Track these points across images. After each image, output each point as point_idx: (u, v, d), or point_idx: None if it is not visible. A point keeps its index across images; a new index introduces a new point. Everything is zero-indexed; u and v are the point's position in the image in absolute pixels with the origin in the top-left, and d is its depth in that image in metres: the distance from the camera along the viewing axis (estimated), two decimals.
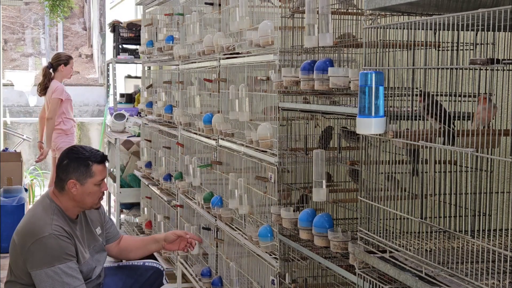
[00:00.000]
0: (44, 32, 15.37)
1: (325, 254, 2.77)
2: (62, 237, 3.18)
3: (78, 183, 3.24)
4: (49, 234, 3.14)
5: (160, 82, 5.50)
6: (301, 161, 3.05)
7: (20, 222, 3.34)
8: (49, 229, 3.16)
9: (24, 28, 15.84)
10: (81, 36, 16.07)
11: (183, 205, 4.71)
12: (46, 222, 3.19)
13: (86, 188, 3.26)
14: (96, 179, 3.27)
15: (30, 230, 3.20)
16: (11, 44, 15.66)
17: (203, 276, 4.11)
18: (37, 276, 3.14)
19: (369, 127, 2.13)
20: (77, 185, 3.24)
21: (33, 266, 3.15)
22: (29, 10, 15.86)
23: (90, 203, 3.32)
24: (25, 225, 3.26)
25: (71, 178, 3.24)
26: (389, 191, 2.24)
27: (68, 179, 3.24)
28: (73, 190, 3.24)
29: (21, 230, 3.26)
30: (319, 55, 2.92)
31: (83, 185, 3.25)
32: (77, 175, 3.24)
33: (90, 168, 3.26)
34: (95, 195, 3.31)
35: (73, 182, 3.23)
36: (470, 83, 2.18)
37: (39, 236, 3.15)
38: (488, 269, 1.84)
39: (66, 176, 3.25)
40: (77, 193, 3.25)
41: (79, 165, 3.25)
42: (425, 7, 2.16)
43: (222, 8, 3.76)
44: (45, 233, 3.14)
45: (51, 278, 3.12)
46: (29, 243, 3.16)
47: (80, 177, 3.24)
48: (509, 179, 2.48)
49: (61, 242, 3.17)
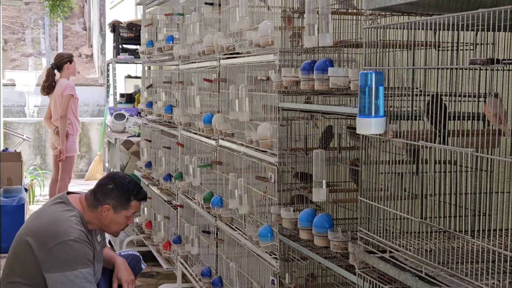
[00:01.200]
0: (44, 32, 15.37)
1: (325, 254, 2.77)
2: (86, 243, 3.20)
3: (112, 210, 3.28)
4: (75, 238, 3.16)
5: (160, 82, 5.50)
6: (301, 161, 3.05)
7: (34, 223, 3.30)
8: (75, 233, 3.17)
9: (24, 28, 15.84)
10: (81, 36, 16.07)
11: (183, 205, 4.71)
12: (72, 226, 3.20)
13: (117, 217, 3.31)
14: (129, 213, 3.35)
15: (53, 231, 3.18)
16: (11, 44, 15.66)
17: (203, 276, 4.11)
18: (56, 278, 3.12)
19: (369, 127, 2.13)
20: (110, 211, 3.29)
21: (52, 268, 3.13)
22: (29, 10, 15.86)
23: (113, 230, 3.39)
24: (45, 226, 3.22)
25: (108, 204, 3.28)
26: (390, 189, 2.24)
27: (105, 203, 3.28)
28: (104, 214, 3.28)
29: (41, 231, 3.21)
30: (319, 55, 2.92)
31: (116, 213, 3.30)
32: (115, 203, 3.29)
33: (129, 202, 3.32)
34: (121, 225, 3.38)
35: (108, 207, 3.28)
36: (470, 83, 2.18)
37: (65, 239, 3.14)
38: (488, 269, 1.84)
39: (105, 200, 3.29)
40: (106, 218, 3.30)
41: (122, 195, 3.31)
42: (425, 7, 2.16)
43: (222, 8, 3.76)
44: (71, 237, 3.15)
45: (71, 282, 3.12)
46: (51, 244, 3.14)
47: (117, 206, 3.30)
48: (509, 179, 2.48)
49: (85, 247, 3.19)
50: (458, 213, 2.26)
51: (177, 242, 4.70)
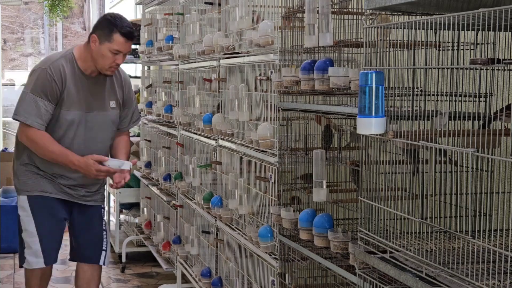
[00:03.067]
0: (44, 32, 15.37)
1: (325, 254, 2.76)
2: (51, 79, 3.49)
3: (98, 40, 3.52)
4: (44, 68, 3.50)
5: (160, 82, 5.49)
6: (301, 161, 3.05)
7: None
8: (47, 65, 3.52)
9: (23, 28, 15.84)
10: (80, 36, 16.06)
11: (182, 205, 4.71)
12: (51, 59, 3.57)
13: (102, 49, 3.51)
14: (112, 47, 3.50)
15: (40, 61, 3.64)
16: (11, 44, 15.66)
17: (203, 277, 4.11)
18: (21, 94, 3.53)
19: (369, 127, 2.12)
20: (96, 43, 3.52)
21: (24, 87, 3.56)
22: (29, 10, 15.85)
23: (100, 65, 3.56)
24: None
25: (95, 33, 3.54)
26: (390, 189, 2.24)
27: (93, 32, 3.55)
28: (92, 45, 3.53)
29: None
30: (319, 55, 2.91)
31: (100, 44, 3.51)
32: (100, 33, 3.53)
33: (111, 34, 3.51)
34: (107, 60, 3.53)
35: (94, 37, 3.53)
36: (470, 83, 2.17)
37: (39, 67, 3.55)
38: (488, 270, 1.84)
39: (94, 30, 3.57)
40: (94, 50, 3.53)
41: (106, 27, 3.53)
42: (425, 6, 2.16)
43: (222, 8, 3.75)
44: (43, 66, 3.52)
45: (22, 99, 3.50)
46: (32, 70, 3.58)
47: (100, 36, 3.52)
48: (510, 179, 2.48)
49: (46, 82, 3.48)
50: (458, 213, 2.26)
51: (176, 242, 4.70)
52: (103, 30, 3.51)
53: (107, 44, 3.49)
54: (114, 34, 3.49)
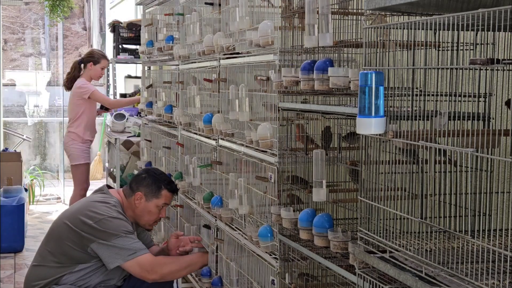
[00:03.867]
0: (44, 32, 15.37)
1: (325, 254, 2.77)
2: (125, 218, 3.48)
3: (144, 197, 3.54)
4: (114, 216, 3.44)
5: (160, 82, 5.49)
6: (301, 161, 3.05)
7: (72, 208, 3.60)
8: (114, 213, 3.45)
9: (24, 28, 15.83)
10: (81, 36, 16.06)
11: (183, 205, 4.71)
12: (110, 208, 3.49)
13: (149, 205, 3.56)
14: (160, 202, 3.60)
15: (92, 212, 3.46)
16: (11, 44, 15.66)
17: (203, 276, 4.11)
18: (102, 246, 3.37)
19: (369, 127, 2.12)
20: (143, 199, 3.55)
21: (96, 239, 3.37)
22: (29, 10, 15.85)
23: (145, 221, 3.62)
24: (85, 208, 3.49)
25: (141, 191, 3.55)
26: (390, 189, 2.24)
27: (138, 190, 3.56)
28: (137, 202, 3.55)
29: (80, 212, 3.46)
30: (319, 55, 2.92)
31: (147, 201, 3.56)
32: (147, 191, 3.57)
33: (160, 191, 3.62)
34: (153, 216, 3.61)
35: (140, 195, 3.54)
36: (470, 83, 2.18)
37: (103, 217, 3.42)
38: (488, 269, 1.84)
39: (137, 187, 3.58)
40: (139, 206, 3.55)
41: (153, 183, 3.59)
42: (425, 7, 2.16)
43: (222, 8, 3.76)
44: (111, 215, 3.44)
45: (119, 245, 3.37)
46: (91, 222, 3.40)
47: (148, 194, 3.56)
48: (509, 179, 2.48)
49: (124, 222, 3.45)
50: (458, 213, 2.26)
51: None
52: (149, 188, 3.58)
53: (155, 201, 3.58)
54: (162, 191, 3.62)
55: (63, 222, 3.50)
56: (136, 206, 3.54)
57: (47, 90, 13.13)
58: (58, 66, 14.00)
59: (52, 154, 11.06)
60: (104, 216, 3.42)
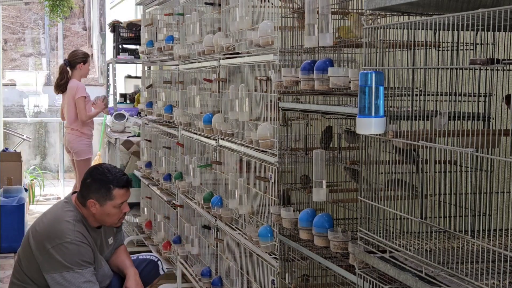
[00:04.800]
0: (44, 32, 15.37)
1: (325, 254, 2.77)
2: (83, 244, 3.23)
3: (97, 203, 3.29)
4: (70, 240, 3.19)
5: (160, 82, 5.50)
6: (301, 161, 3.05)
7: (38, 224, 3.35)
8: (71, 236, 3.21)
9: (24, 28, 15.83)
10: (81, 36, 16.07)
11: (183, 205, 4.71)
12: (68, 227, 3.24)
13: (105, 209, 3.31)
14: (116, 203, 3.32)
15: (52, 233, 3.23)
16: (11, 44, 15.66)
17: (203, 276, 4.11)
18: (54, 279, 3.17)
19: (369, 127, 2.12)
20: (97, 205, 3.30)
21: (50, 269, 3.19)
22: (29, 10, 15.85)
23: (109, 222, 3.39)
24: (46, 227, 3.28)
25: (91, 198, 3.30)
26: (393, 191, 2.24)
27: (89, 198, 3.30)
28: (93, 209, 3.31)
29: (41, 232, 3.27)
30: (319, 55, 2.92)
31: (102, 206, 3.30)
32: (97, 196, 3.29)
33: (111, 192, 3.30)
34: (114, 216, 3.36)
35: (93, 202, 3.29)
36: (470, 83, 2.18)
37: (61, 241, 3.19)
38: (488, 269, 1.84)
39: (87, 194, 3.31)
40: (96, 212, 3.31)
41: (101, 187, 3.30)
42: (425, 7, 2.16)
43: (222, 8, 3.76)
44: (67, 239, 3.19)
45: (68, 282, 3.16)
46: (48, 246, 3.19)
47: (100, 199, 3.30)
48: (509, 179, 2.48)
49: (82, 249, 3.22)
50: (458, 213, 2.26)
51: (177, 242, 4.70)
52: (99, 192, 3.28)
53: (110, 203, 3.30)
54: (113, 191, 3.30)
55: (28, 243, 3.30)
56: (93, 213, 3.30)
57: (46, 90, 13.13)
58: (58, 66, 13.99)
59: (52, 154, 11.06)
60: (61, 241, 3.19)
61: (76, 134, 6.58)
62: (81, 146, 6.57)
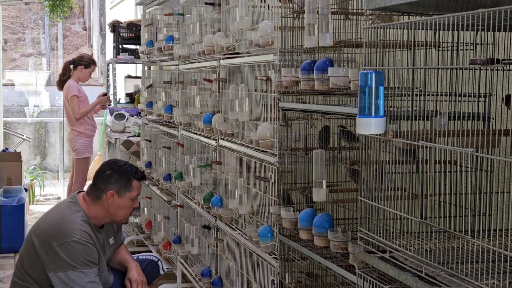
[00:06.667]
0: (44, 32, 15.37)
1: (325, 254, 2.77)
2: (89, 244, 3.24)
3: (116, 194, 3.32)
4: (77, 239, 3.19)
5: (160, 82, 5.50)
6: (301, 161, 3.05)
7: (42, 223, 3.34)
8: (78, 235, 3.21)
9: (24, 28, 15.84)
10: (81, 36, 16.07)
11: (183, 205, 4.71)
12: (75, 227, 3.24)
13: (123, 201, 3.35)
14: (133, 194, 3.38)
15: (57, 231, 3.23)
16: (11, 44, 15.66)
17: (203, 276, 4.11)
18: (58, 278, 3.17)
19: (369, 127, 2.12)
20: (115, 197, 3.32)
21: (55, 268, 3.18)
22: (29, 10, 15.85)
23: (121, 216, 3.41)
24: (52, 226, 3.27)
25: (111, 189, 3.32)
26: (387, 189, 2.24)
27: (108, 189, 3.32)
28: (110, 201, 3.32)
29: (47, 231, 3.26)
30: (319, 55, 2.92)
31: (120, 197, 3.34)
32: (118, 187, 3.34)
33: (131, 183, 3.37)
34: (128, 209, 3.41)
35: (112, 193, 3.32)
36: (470, 83, 2.18)
37: (67, 240, 3.18)
38: (488, 269, 1.84)
39: (106, 186, 3.33)
40: (112, 205, 3.33)
41: (122, 177, 3.35)
42: (425, 7, 2.16)
43: (222, 8, 3.76)
44: (74, 238, 3.19)
45: (72, 281, 3.16)
46: (54, 244, 3.19)
47: (120, 190, 3.34)
48: (509, 179, 2.48)
49: (88, 248, 3.22)
50: (458, 213, 2.26)
51: (177, 242, 4.70)
52: (119, 183, 3.34)
53: (128, 194, 3.36)
54: (133, 182, 3.38)
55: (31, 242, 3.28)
56: (109, 205, 3.32)
57: (46, 90, 13.13)
58: (58, 66, 14.00)
59: (52, 154, 11.05)
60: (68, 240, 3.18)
61: (74, 134, 6.67)
62: (79, 145, 6.64)
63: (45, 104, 12.64)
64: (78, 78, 6.65)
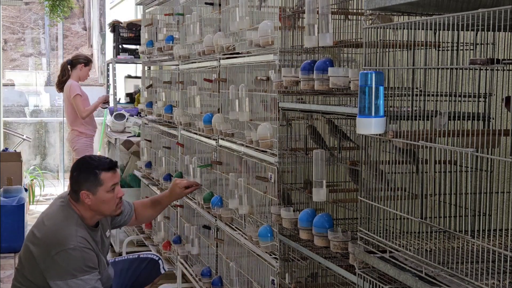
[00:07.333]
0: (44, 32, 15.37)
1: (325, 254, 2.77)
2: (87, 249, 3.20)
3: (90, 193, 3.25)
4: (74, 246, 3.16)
5: (160, 82, 5.50)
6: (301, 161, 3.05)
7: (38, 230, 3.30)
8: (74, 241, 3.17)
9: (24, 28, 15.84)
10: (81, 36, 16.07)
11: (183, 205, 4.71)
12: (71, 233, 3.20)
13: (99, 197, 3.27)
14: (107, 186, 3.28)
15: (54, 240, 3.19)
16: (11, 44, 15.66)
17: (203, 276, 4.11)
18: (58, 286, 3.15)
19: (369, 127, 2.12)
20: (90, 195, 3.26)
21: (54, 276, 3.15)
22: (29, 10, 15.85)
23: (108, 211, 3.34)
24: (47, 234, 3.24)
25: (83, 190, 3.26)
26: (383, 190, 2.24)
27: (80, 190, 3.26)
28: (87, 200, 3.26)
29: (43, 239, 3.23)
30: (319, 55, 2.92)
31: (95, 194, 3.26)
32: (88, 185, 3.26)
33: (98, 177, 3.27)
34: (110, 202, 3.31)
35: (85, 193, 3.25)
36: (470, 83, 2.18)
37: (65, 247, 3.15)
38: (488, 269, 1.84)
39: (78, 187, 3.28)
40: (91, 203, 3.27)
41: (88, 175, 3.27)
42: (425, 7, 2.16)
43: (222, 8, 3.76)
44: (70, 245, 3.15)
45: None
46: (53, 252, 3.15)
47: (90, 187, 3.26)
48: (509, 179, 2.48)
49: (85, 254, 3.19)
50: (458, 213, 2.26)
51: (177, 242, 4.70)
52: (88, 181, 3.26)
53: (101, 188, 3.26)
54: (100, 176, 3.27)
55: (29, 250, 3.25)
56: (90, 204, 3.25)
57: (46, 90, 13.13)
58: (58, 66, 13.99)
59: (52, 154, 11.05)
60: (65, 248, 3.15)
61: (75, 134, 6.69)
62: (80, 145, 6.67)
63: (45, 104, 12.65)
64: (78, 77, 6.66)
